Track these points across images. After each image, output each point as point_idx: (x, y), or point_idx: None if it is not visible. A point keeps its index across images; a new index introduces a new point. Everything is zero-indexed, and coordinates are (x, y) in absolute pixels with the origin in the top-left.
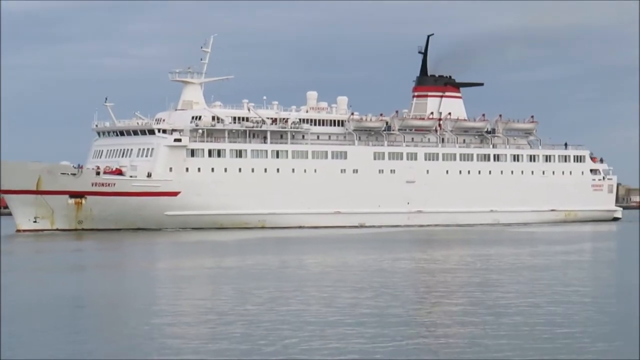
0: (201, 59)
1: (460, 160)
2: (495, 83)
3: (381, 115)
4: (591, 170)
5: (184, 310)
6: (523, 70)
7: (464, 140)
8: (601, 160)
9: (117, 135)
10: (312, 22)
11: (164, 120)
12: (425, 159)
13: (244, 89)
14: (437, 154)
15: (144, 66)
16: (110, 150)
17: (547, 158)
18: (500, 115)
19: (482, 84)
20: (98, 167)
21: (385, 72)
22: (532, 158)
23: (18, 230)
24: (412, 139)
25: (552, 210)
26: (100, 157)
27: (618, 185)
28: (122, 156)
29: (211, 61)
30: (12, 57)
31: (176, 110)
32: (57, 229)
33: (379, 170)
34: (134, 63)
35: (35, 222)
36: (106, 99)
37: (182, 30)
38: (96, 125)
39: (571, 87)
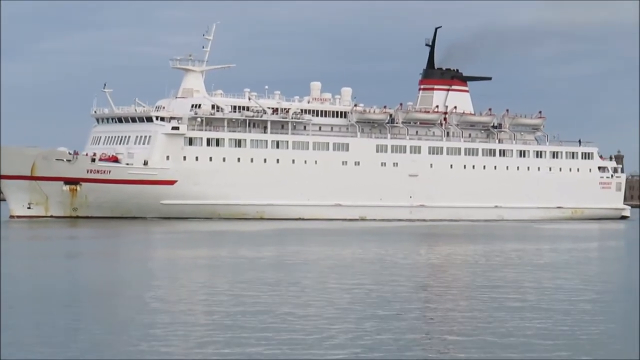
0: (203, 47)
1: (465, 154)
2: (503, 78)
3: (385, 107)
4: (599, 168)
5: (177, 300)
6: (531, 66)
7: (470, 135)
8: (610, 158)
9: (115, 122)
10: (319, 14)
11: (163, 107)
12: (429, 153)
13: (248, 79)
14: (442, 147)
15: (148, 53)
16: (108, 137)
17: (554, 154)
18: (507, 110)
19: (489, 78)
20: (94, 154)
21: (392, 65)
22: (538, 154)
23: (12, 216)
24: (417, 132)
25: (559, 207)
26: (99, 144)
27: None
28: (120, 143)
29: (217, 50)
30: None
31: (176, 98)
32: (51, 216)
33: (382, 163)
34: (137, 50)
35: (29, 208)
36: (105, 85)
37: (189, 19)
38: (95, 112)
39: (583, 83)
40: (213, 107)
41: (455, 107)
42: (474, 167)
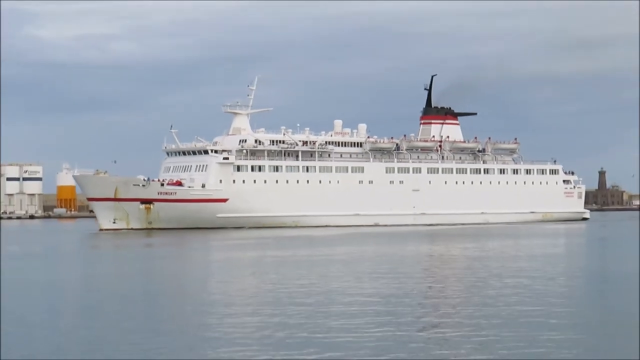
0: (248, 95)
1: (457, 173)
2: (486, 112)
3: (392, 138)
4: (564, 181)
5: (245, 293)
6: (509, 101)
7: (460, 158)
8: (572, 173)
9: (180, 155)
10: (342, 70)
11: (217, 143)
12: (428, 173)
13: (285, 119)
14: (438, 168)
15: (210, 102)
16: (176, 166)
17: (528, 171)
18: (490, 138)
19: (475, 114)
20: (163, 180)
21: (397, 104)
22: (515, 171)
23: (100, 230)
24: (418, 157)
25: (532, 212)
26: (169, 172)
27: (622, 191)
28: (184, 171)
29: (265, 95)
30: None
31: (228, 135)
32: (131, 228)
33: (390, 182)
34: (202, 100)
35: (114, 223)
36: (171, 126)
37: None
38: (165, 147)
39: (552, 113)
40: (256, 141)
41: (448, 137)
42: (464, 183)
